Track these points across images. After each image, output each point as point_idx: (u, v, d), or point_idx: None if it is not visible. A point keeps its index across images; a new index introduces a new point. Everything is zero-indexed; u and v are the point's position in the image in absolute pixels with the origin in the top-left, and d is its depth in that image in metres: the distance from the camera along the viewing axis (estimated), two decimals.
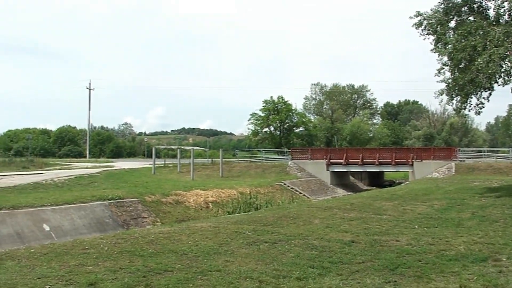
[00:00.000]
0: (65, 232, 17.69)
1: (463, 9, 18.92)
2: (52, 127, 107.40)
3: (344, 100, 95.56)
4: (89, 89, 77.84)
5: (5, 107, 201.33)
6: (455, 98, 19.25)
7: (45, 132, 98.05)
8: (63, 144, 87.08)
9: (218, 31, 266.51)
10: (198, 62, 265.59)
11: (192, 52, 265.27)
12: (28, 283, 6.69)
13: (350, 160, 41.69)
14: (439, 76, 18.98)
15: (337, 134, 78.13)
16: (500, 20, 18.05)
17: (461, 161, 39.18)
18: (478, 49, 16.66)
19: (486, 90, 18.65)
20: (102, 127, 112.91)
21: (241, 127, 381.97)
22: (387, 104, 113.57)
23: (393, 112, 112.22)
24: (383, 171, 46.49)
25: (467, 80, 17.60)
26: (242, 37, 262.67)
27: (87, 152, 77.46)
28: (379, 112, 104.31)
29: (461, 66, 18.17)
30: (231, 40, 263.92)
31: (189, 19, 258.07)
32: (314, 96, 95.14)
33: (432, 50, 18.89)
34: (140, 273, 7.28)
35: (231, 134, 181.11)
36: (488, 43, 16.47)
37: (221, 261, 8.16)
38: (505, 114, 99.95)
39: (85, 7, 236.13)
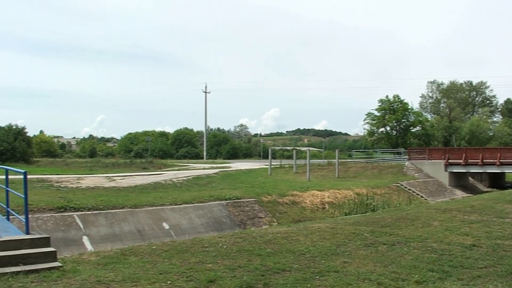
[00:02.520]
0: (183, 231, 18.36)
1: None
2: (170, 129, 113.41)
3: (462, 98, 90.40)
4: (205, 92, 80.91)
5: (126, 111, 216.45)
6: None
7: (163, 134, 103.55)
8: (180, 145, 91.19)
9: (332, 31, 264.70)
10: (312, 63, 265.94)
11: (306, 53, 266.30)
12: (150, 278, 6.94)
13: (469, 161, 39.67)
14: None
15: (455, 133, 73.88)
16: None
17: None
18: None
19: None
20: (218, 129, 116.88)
21: (356, 127, 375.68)
22: (508, 101, 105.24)
23: None
24: (505, 172, 43.39)
25: None
26: (356, 36, 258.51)
27: (204, 153, 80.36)
28: (499, 109, 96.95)
29: None
30: (345, 39, 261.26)
31: (301, 20, 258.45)
32: (430, 95, 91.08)
33: None
34: (259, 272, 7.36)
35: (346, 134, 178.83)
36: None
37: (339, 262, 8.12)
38: None
39: (199, 14, 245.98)
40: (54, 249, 8.00)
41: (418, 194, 32.66)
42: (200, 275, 7.14)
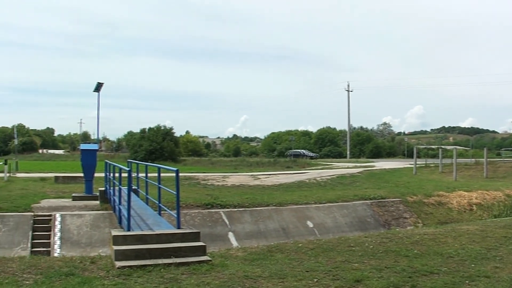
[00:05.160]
0: (328, 229, 18.35)
1: None
2: (313, 128, 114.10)
3: None
4: (348, 91, 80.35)
5: (269, 111, 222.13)
6: None
7: (306, 133, 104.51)
8: (323, 144, 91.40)
9: (479, 25, 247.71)
10: (458, 58, 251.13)
11: (449, 48, 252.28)
12: (297, 275, 7.02)
13: None
14: None
15: None
16: None
17: None
18: None
19: None
20: (361, 128, 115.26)
21: (505, 125, 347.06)
22: None
23: None
24: None
25: None
26: (506, 30, 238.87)
27: (347, 152, 79.77)
28: None
29: None
30: (493, 34, 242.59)
31: (444, 13, 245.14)
32: None
33: None
34: (406, 274, 7.26)
35: (494, 132, 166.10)
36: None
37: (490, 267, 7.81)
38: None
39: (339, 12, 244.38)
40: (203, 244, 8.39)
41: None
42: (347, 274, 7.15)
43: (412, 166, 40.61)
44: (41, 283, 6.59)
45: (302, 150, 77.91)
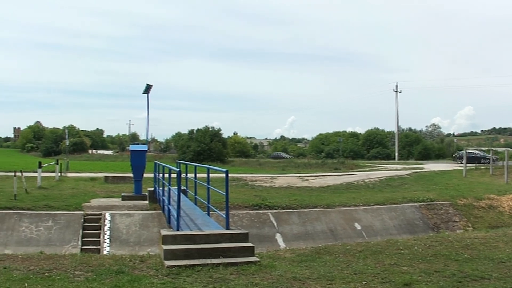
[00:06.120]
0: (375, 232, 18.19)
1: None
2: (361, 130, 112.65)
3: None
4: (396, 92, 78.83)
5: (316, 112, 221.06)
6: None
7: (354, 135, 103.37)
8: (371, 146, 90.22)
9: None
10: (509, 57, 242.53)
11: (501, 47, 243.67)
12: (345, 277, 7.04)
13: None
14: None
15: None
16: None
17: None
18: None
19: None
20: (409, 129, 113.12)
21: None
22: None
23: None
24: None
25: None
26: None
27: (396, 154, 78.42)
28: None
29: None
30: None
31: (491, 12, 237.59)
32: None
33: None
34: (456, 278, 7.17)
35: None
36: None
37: None
38: None
39: (385, 12, 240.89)
40: (252, 244, 8.50)
41: None
42: (395, 277, 7.11)
43: (461, 168, 39.71)
44: (92, 280, 6.83)
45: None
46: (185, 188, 14.87)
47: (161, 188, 14.85)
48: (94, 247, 14.50)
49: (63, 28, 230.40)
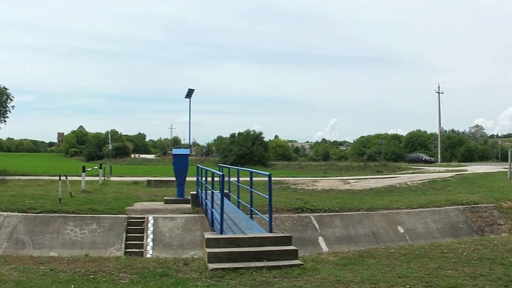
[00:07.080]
0: (418, 235, 17.94)
1: None
2: (403, 132, 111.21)
3: None
4: (438, 93, 77.36)
5: (358, 114, 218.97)
6: None
7: (396, 137, 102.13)
8: (413, 148, 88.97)
9: None
10: None
11: None
12: (389, 280, 7.05)
13: None
14: None
15: None
16: None
17: None
18: None
19: None
20: (452, 131, 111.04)
21: None
22: None
23: None
24: None
25: None
26: None
27: (438, 156, 76.99)
28: None
29: None
30: None
31: None
32: None
33: None
34: (501, 282, 7.08)
35: None
36: None
37: None
38: None
39: (425, 12, 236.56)
40: (295, 248, 8.59)
41: None
42: (440, 281, 7.08)
43: (506, 170, 38.70)
44: (137, 282, 7.03)
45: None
46: (227, 191, 15.03)
47: (204, 191, 15.05)
48: (137, 250, 14.71)
49: (105, 34, 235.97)
